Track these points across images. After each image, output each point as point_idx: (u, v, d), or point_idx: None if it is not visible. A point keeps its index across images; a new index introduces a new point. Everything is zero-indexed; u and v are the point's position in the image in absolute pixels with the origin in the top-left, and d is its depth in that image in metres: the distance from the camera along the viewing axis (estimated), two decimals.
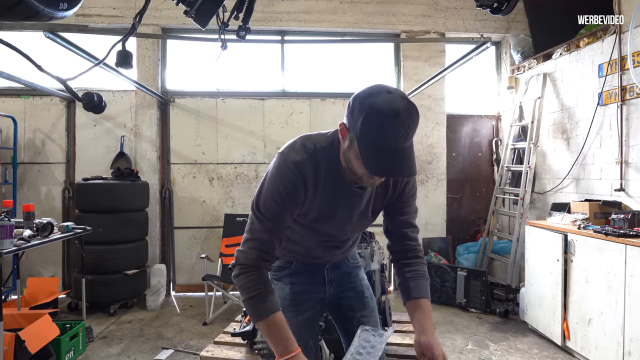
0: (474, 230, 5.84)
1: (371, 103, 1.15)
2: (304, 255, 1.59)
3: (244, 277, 1.30)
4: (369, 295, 1.73)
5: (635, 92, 3.60)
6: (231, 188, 5.48)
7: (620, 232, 3.06)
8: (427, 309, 1.43)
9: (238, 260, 1.32)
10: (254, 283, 1.29)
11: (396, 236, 1.54)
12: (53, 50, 4.35)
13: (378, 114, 1.13)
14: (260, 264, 1.31)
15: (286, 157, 1.31)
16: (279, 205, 1.30)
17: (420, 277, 1.49)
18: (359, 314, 1.67)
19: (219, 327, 3.99)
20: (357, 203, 1.43)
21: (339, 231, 1.52)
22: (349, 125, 1.23)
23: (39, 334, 2.94)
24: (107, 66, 3.44)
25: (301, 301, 1.62)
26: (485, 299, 4.58)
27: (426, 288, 1.48)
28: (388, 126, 1.12)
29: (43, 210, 5.14)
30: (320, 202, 1.38)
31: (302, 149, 1.32)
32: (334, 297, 1.68)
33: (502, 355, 3.55)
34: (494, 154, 5.83)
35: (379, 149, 1.14)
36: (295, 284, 1.63)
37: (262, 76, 5.61)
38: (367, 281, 1.79)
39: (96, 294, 4.46)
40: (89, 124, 5.30)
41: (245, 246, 1.33)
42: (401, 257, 1.53)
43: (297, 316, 1.61)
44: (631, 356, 2.86)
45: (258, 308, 1.28)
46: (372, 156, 1.16)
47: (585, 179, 4.22)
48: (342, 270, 1.69)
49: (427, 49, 5.56)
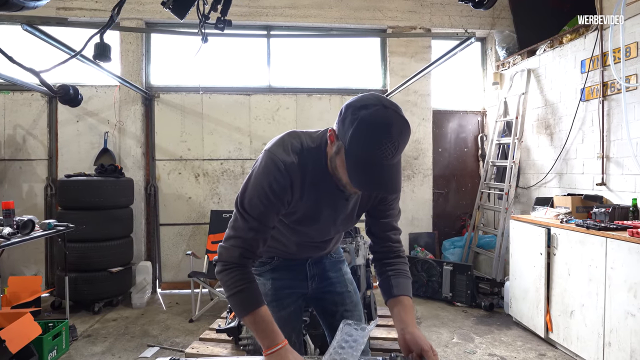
0: (459, 225, 5.89)
1: (364, 116, 1.12)
2: (285, 251, 1.58)
3: (227, 273, 1.29)
4: (352, 290, 1.73)
5: (616, 88, 3.65)
6: (217, 184, 5.44)
7: (601, 226, 3.11)
8: (408, 305, 1.42)
9: (221, 257, 1.31)
10: (237, 279, 1.27)
11: (379, 237, 1.53)
12: (36, 45, 4.25)
13: (369, 128, 1.11)
14: (243, 262, 1.30)
15: (274, 157, 1.28)
16: (264, 204, 1.27)
17: (401, 275, 1.47)
18: (342, 309, 1.67)
19: (206, 324, 3.97)
20: (342, 206, 1.42)
21: (322, 232, 1.51)
22: (338, 133, 1.21)
23: (20, 333, 2.89)
24: (87, 59, 3.37)
25: (283, 296, 1.62)
26: (470, 293, 4.63)
27: (407, 286, 1.46)
28: (377, 142, 1.10)
29: (25, 207, 5.05)
30: (305, 203, 1.36)
31: (290, 149, 1.29)
32: (316, 292, 1.68)
33: (487, 348, 3.60)
34: (479, 150, 5.88)
35: (365, 163, 1.13)
36: (277, 279, 1.62)
37: (248, 72, 5.57)
38: (351, 275, 1.79)
39: (80, 292, 4.40)
40: (71, 120, 5.21)
41: (228, 243, 1.31)
42: (383, 257, 1.52)
43: (279, 311, 1.60)
44: (611, 347, 2.92)
45: (243, 303, 1.27)
46: (358, 169, 1.15)
47: (568, 173, 4.28)
48: (324, 265, 1.69)
49: (413, 45, 5.58)
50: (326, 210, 1.41)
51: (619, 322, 2.85)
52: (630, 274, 2.76)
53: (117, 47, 5.23)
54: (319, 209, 1.40)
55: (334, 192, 1.35)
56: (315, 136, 1.35)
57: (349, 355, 1.34)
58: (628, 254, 2.77)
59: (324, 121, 5.48)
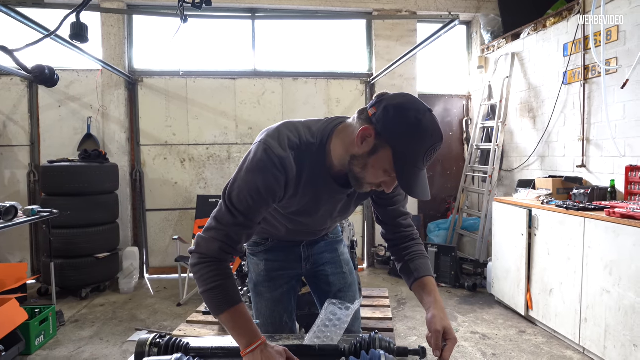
0: (444, 208, 5.97)
1: (419, 120, 1.10)
2: (278, 235, 1.57)
3: (202, 267, 1.19)
4: (347, 271, 1.74)
5: (597, 72, 3.71)
6: (203, 169, 5.42)
7: (580, 207, 3.19)
8: (429, 285, 1.39)
9: (198, 248, 1.21)
10: (213, 274, 1.18)
11: (390, 225, 1.50)
12: (13, 29, 4.14)
13: (425, 134, 1.10)
14: (222, 256, 1.20)
15: (268, 150, 1.18)
16: (253, 199, 1.19)
17: (418, 257, 1.45)
18: (336, 289, 1.68)
19: (193, 308, 4.00)
20: (340, 200, 1.39)
21: (318, 224, 1.50)
22: (382, 132, 1.12)
23: (5, 320, 2.89)
24: (65, 41, 3.30)
25: (276, 277, 1.63)
26: (454, 274, 4.73)
27: (426, 266, 1.44)
28: (429, 148, 1.11)
29: (8, 194, 4.99)
30: (301, 198, 1.30)
31: (286, 144, 1.20)
32: (311, 271, 1.70)
33: (469, 326, 3.70)
34: (464, 133, 5.94)
35: (415, 168, 1.13)
36: (271, 260, 1.63)
37: (233, 56, 5.51)
38: (348, 256, 1.79)
39: (67, 279, 4.38)
40: (53, 105, 5.12)
41: (209, 234, 1.21)
42: (398, 244, 1.49)
43: (271, 292, 1.63)
44: (587, 322, 3.03)
45: (219, 300, 1.18)
46: (408, 174, 1.13)
47: (550, 156, 4.36)
48: (320, 246, 1.69)
49: (398, 28, 5.56)
50: (323, 205, 1.37)
51: (595, 298, 2.96)
52: (606, 252, 2.86)
53: (99, 31, 5.12)
54: (316, 205, 1.35)
55: (332, 187, 1.30)
56: (316, 130, 1.26)
57: (332, 334, 1.37)
58: (604, 233, 2.86)
59: (310, 105, 5.47)
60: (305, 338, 1.37)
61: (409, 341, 3.40)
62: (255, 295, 1.67)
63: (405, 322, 3.80)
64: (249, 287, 1.76)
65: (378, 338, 1.23)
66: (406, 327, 3.71)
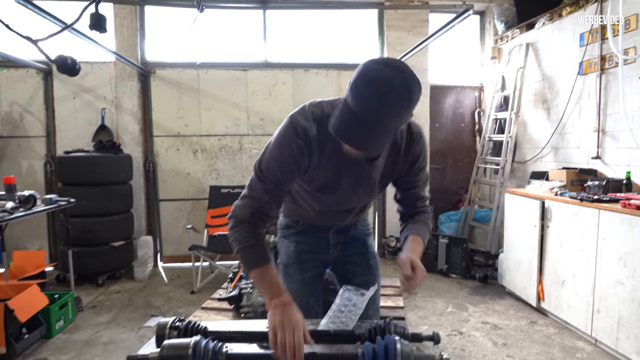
0: (456, 199, 5.96)
1: (366, 70, 1.12)
2: (307, 217, 1.63)
3: (238, 229, 1.33)
4: (373, 265, 1.76)
5: (614, 62, 3.65)
6: (215, 160, 5.47)
7: (594, 198, 3.17)
8: (414, 242, 1.44)
9: (234, 213, 1.35)
10: (247, 235, 1.32)
11: (407, 206, 1.58)
12: (29, 23, 4.20)
13: (364, 80, 1.11)
14: (255, 220, 1.33)
15: (294, 122, 1.31)
16: (281, 169, 1.31)
17: (419, 222, 1.53)
18: (359, 279, 1.68)
19: (207, 295, 4.06)
20: (363, 175, 1.42)
21: (342, 202, 1.53)
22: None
23: (28, 304, 2.97)
24: (81, 34, 3.34)
25: (305, 259, 1.68)
26: (465, 265, 4.74)
27: (422, 229, 1.50)
28: (368, 93, 1.10)
29: (25, 184, 5.08)
30: (324, 171, 1.37)
31: (310, 116, 1.32)
32: (338, 259, 1.73)
33: (480, 316, 3.71)
34: (476, 125, 5.90)
35: (351, 115, 1.13)
36: (301, 242, 1.69)
37: (244, 47, 5.52)
38: (375, 251, 1.83)
39: (83, 266, 4.48)
40: (67, 97, 5.19)
41: (243, 201, 1.36)
42: (408, 217, 1.58)
43: (300, 273, 1.68)
44: (600, 313, 3.03)
45: (252, 258, 1.31)
46: (340, 118, 1.15)
47: (564, 147, 4.32)
48: (349, 235, 1.72)
49: (410, 19, 5.52)
50: (346, 180, 1.41)
51: (608, 290, 2.95)
52: (621, 244, 2.84)
53: (112, 22, 5.16)
54: (339, 178, 1.41)
55: (355, 160, 1.35)
56: (336, 103, 1.32)
57: (347, 319, 1.40)
58: (620, 224, 2.85)
59: (321, 96, 5.34)
60: (321, 323, 1.40)
61: (421, 329, 3.43)
62: (285, 277, 1.70)
63: (417, 312, 3.83)
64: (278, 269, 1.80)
65: (393, 324, 1.25)
66: (417, 316, 3.74)
